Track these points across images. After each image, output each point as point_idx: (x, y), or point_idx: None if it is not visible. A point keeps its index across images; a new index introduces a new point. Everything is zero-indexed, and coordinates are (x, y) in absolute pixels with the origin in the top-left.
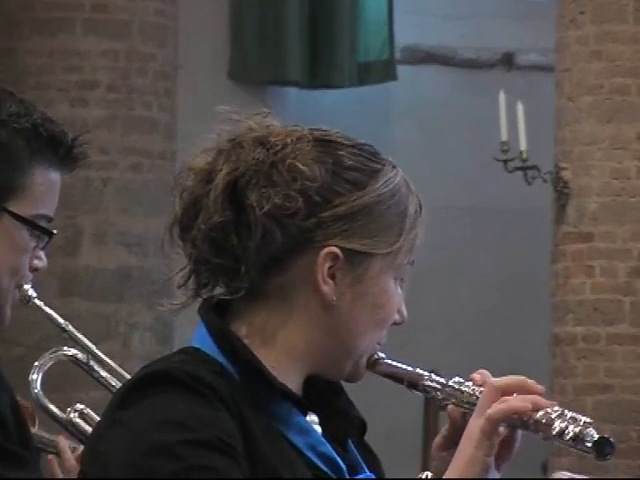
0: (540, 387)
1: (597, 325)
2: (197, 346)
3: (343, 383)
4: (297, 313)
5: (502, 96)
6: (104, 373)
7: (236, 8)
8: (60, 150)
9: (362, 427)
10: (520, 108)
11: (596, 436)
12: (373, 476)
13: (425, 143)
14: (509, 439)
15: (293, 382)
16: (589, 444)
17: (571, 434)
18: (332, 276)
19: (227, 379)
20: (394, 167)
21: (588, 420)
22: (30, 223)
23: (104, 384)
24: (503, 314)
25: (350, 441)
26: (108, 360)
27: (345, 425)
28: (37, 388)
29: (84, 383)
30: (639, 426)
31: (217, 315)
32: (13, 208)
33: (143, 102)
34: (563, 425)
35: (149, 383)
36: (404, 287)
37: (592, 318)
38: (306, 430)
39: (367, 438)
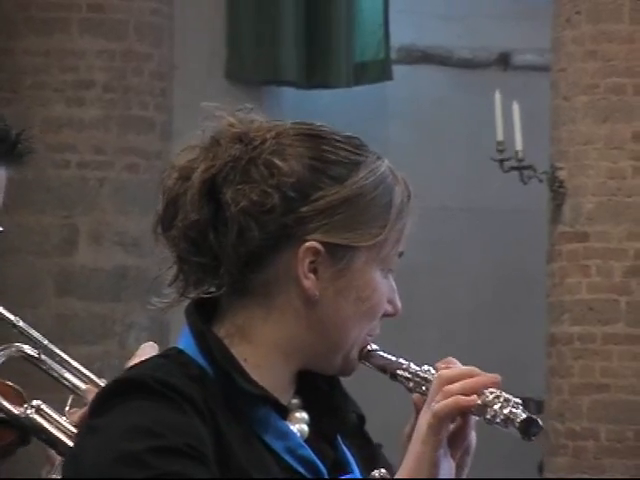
0: (491, 377)
1: (593, 325)
2: (181, 347)
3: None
4: (280, 309)
5: (498, 96)
6: (64, 372)
7: (232, 8)
8: (3, 146)
9: (359, 421)
10: (516, 108)
11: (524, 415)
12: (359, 475)
13: (421, 143)
14: (462, 427)
15: (280, 379)
16: (517, 424)
17: (501, 416)
18: (314, 271)
19: (203, 383)
20: (379, 158)
21: (518, 400)
22: None
23: (64, 384)
24: (499, 314)
25: (340, 438)
26: (65, 356)
27: (335, 422)
28: None
29: (41, 384)
30: (635, 426)
31: (201, 315)
32: None
33: (139, 102)
34: (496, 408)
35: (121, 390)
36: (396, 283)
37: (588, 318)
38: (285, 433)
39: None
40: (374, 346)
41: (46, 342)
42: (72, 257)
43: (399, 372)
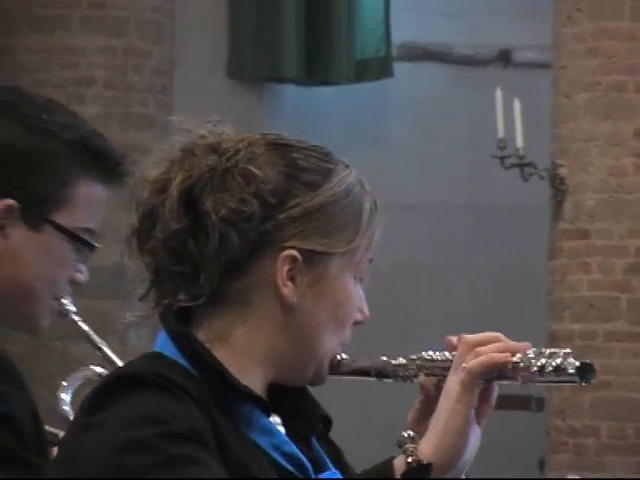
0: (518, 345)
1: (594, 322)
2: (159, 351)
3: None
4: (258, 317)
5: (499, 93)
6: None
7: (234, 5)
8: (107, 165)
9: (327, 424)
10: (517, 105)
11: (577, 363)
12: (338, 473)
13: (422, 140)
14: (487, 392)
15: (256, 386)
16: (572, 371)
17: (552, 367)
18: (291, 278)
19: (193, 381)
20: (347, 167)
21: (567, 350)
22: (73, 235)
23: None
24: (500, 311)
25: (313, 438)
26: None
27: (308, 423)
28: (66, 406)
29: None
30: (636, 423)
31: (178, 320)
32: (57, 219)
33: (140, 99)
34: (543, 361)
35: (118, 386)
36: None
37: (589, 315)
38: (270, 431)
39: (367, 435)
40: (344, 355)
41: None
42: None
43: (394, 363)
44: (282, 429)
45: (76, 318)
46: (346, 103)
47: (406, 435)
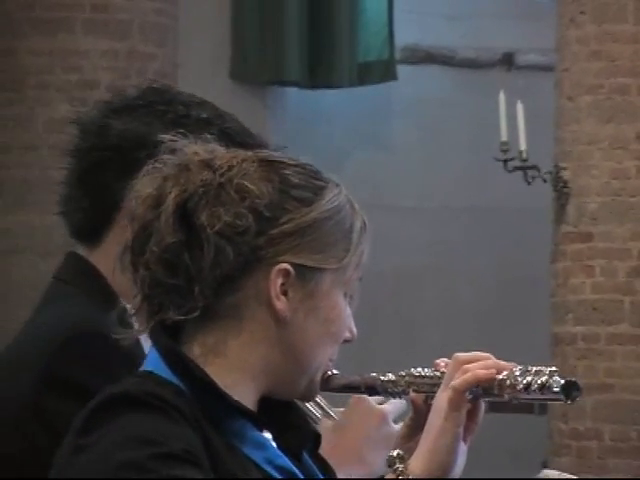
0: (506, 363)
1: (597, 325)
2: (150, 369)
3: None
4: (251, 331)
5: (502, 96)
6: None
7: (237, 8)
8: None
9: (316, 439)
10: (520, 108)
11: (562, 381)
12: None
13: (425, 143)
14: (474, 410)
15: (248, 400)
16: (557, 389)
17: (537, 385)
18: (284, 292)
19: (184, 399)
20: (337, 185)
21: (553, 369)
22: None
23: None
24: (503, 314)
25: (305, 453)
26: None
27: (299, 438)
28: None
29: None
30: (639, 426)
31: (169, 337)
32: None
33: None
34: (529, 379)
35: (109, 406)
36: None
37: (592, 318)
38: (262, 445)
39: None
40: (335, 371)
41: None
42: None
43: (384, 379)
44: (273, 443)
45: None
46: (349, 106)
47: (395, 454)
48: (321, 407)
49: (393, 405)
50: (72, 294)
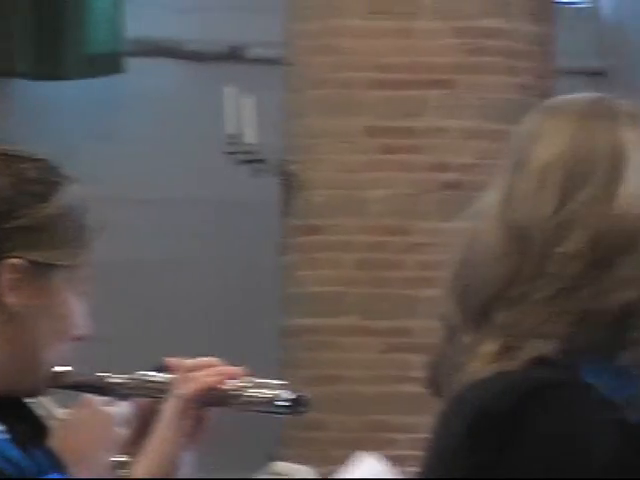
0: (233, 368)
1: (322, 317)
2: None
3: None
4: None
5: (227, 89)
6: None
7: None
8: None
9: (47, 434)
10: (248, 101)
11: (289, 395)
12: (61, 475)
13: (153, 135)
14: (200, 419)
15: None
16: (282, 403)
17: (263, 398)
18: (16, 287)
19: None
20: (74, 181)
21: (282, 382)
22: None
23: None
24: (231, 307)
25: (37, 446)
26: None
27: (29, 431)
28: None
29: None
30: (366, 417)
31: None
32: None
33: None
34: (255, 391)
35: None
36: (88, 300)
37: (318, 310)
38: None
39: None
40: (66, 368)
41: None
42: None
43: (110, 381)
44: (7, 436)
45: None
46: (78, 98)
47: (120, 459)
48: (47, 405)
49: (119, 408)
50: None
